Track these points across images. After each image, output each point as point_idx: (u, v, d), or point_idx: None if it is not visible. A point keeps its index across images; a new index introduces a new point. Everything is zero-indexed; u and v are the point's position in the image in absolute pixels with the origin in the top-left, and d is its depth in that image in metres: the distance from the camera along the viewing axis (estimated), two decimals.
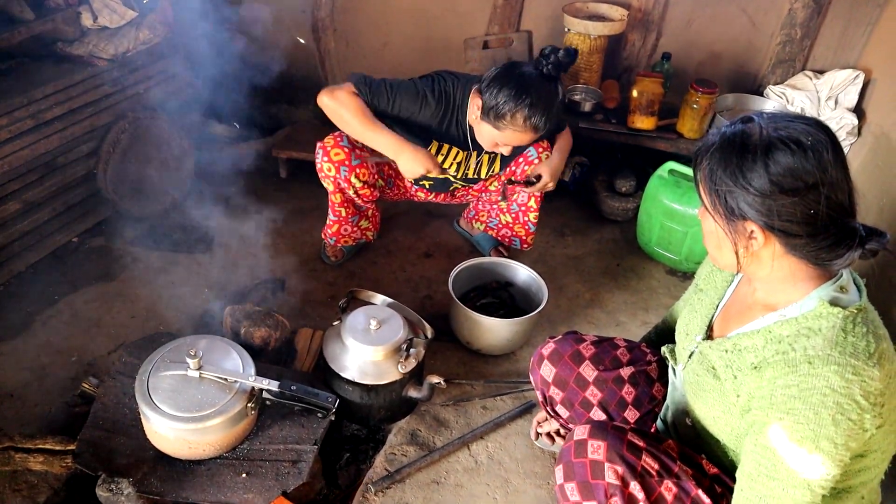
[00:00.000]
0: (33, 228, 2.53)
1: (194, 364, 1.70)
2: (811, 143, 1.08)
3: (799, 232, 1.10)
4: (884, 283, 2.28)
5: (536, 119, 2.08)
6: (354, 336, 1.95)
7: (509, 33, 3.40)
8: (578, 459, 1.28)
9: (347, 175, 2.40)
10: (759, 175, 1.09)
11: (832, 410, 1.06)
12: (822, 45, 3.02)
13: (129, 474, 1.68)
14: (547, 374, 1.68)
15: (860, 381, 1.07)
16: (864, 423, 1.07)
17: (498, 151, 2.29)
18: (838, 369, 1.07)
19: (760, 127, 1.12)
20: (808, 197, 1.08)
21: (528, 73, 2.09)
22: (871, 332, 1.12)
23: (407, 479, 1.93)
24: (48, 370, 2.18)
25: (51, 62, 2.58)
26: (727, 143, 1.14)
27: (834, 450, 1.07)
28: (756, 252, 1.17)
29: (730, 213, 1.15)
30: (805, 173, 1.07)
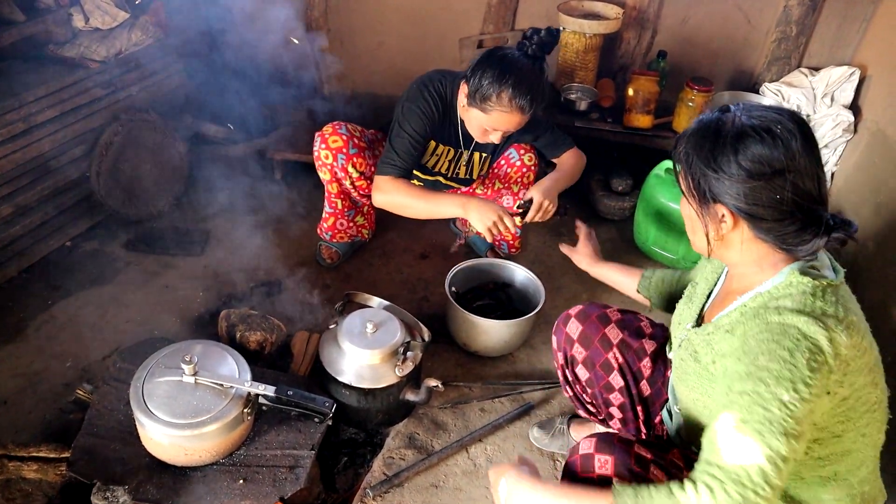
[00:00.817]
0: (26, 233, 2.51)
1: (189, 370, 1.68)
2: (780, 131, 1.14)
3: (765, 216, 1.15)
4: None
5: (521, 98, 2.05)
6: (351, 339, 1.93)
7: (504, 32, 3.39)
8: (585, 475, 1.26)
9: (344, 164, 2.38)
10: (730, 160, 1.15)
11: (805, 354, 1.08)
12: (817, 42, 3.02)
13: (125, 482, 1.67)
14: (573, 330, 1.69)
15: (829, 334, 1.09)
16: (832, 373, 1.09)
17: (489, 140, 2.24)
18: (809, 320, 1.10)
19: (735, 115, 1.18)
20: (774, 182, 1.13)
21: (511, 55, 2.07)
22: (841, 305, 1.15)
23: (405, 482, 1.92)
24: (42, 376, 2.16)
25: (42, 64, 2.56)
26: (703, 130, 1.20)
27: (809, 395, 1.06)
28: (725, 235, 1.23)
29: (702, 195, 1.21)
30: (773, 160, 1.13)
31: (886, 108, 2.63)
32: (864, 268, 2.39)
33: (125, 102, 2.75)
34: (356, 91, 3.70)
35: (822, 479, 1.24)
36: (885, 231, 2.33)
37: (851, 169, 2.81)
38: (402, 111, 2.25)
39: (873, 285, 2.30)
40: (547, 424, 2.08)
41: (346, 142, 2.37)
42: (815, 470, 1.24)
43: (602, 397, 1.68)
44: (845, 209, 2.75)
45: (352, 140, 2.39)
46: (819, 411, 1.11)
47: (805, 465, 1.23)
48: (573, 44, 3.09)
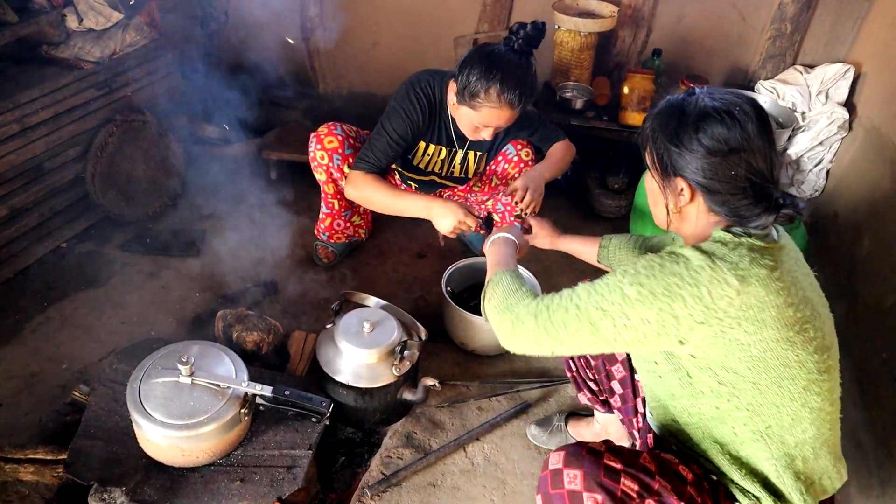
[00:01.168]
0: (21, 234, 2.50)
1: (186, 370, 1.68)
2: (738, 114, 1.24)
3: (720, 189, 1.25)
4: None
5: (510, 93, 2.03)
6: (348, 339, 1.93)
7: (499, 31, 3.39)
8: (556, 491, 1.26)
9: (340, 164, 2.39)
10: (691, 138, 1.25)
11: (675, 278, 1.20)
12: (812, 40, 3.03)
13: (122, 483, 1.66)
14: None
15: (712, 275, 1.18)
16: (694, 307, 1.18)
17: (480, 137, 2.24)
18: (700, 257, 1.21)
19: (699, 98, 1.29)
20: (731, 159, 1.24)
21: (498, 50, 2.06)
22: (754, 261, 1.21)
23: (403, 482, 1.92)
24: (38, 378, 2.15)
25: (36, 65, 2.55)
26: (669, 109, 1.31)
27: (651, 300, 1.20)
28: (683, 207, 1.32)
29: (664, 169, 1.32)
30: (730, 139, 1.23)
31: (881, 105, 2.64)
32: (861, 263, 2.40)
33: (120, 103, 2.75)
34: (352, 90, 3.70)
35: (755, 435, 1.27)
36: (880, 227, 2.34)
37: (846, 166, 2.81)
38: (388, 111, 2.27)
39: (869, 282, 2.30)
40: (544, 422, 2.08)
41: (342, 142, 2.37)
42: (746, 423, 1.27)
43: (605, 369, 1.69)
44: (840, 206, 2.75)
45: (347, 140, 2.39)
46: (681, 334, 1.20)
47: (735, 417, 1.28)
48: (568, 42, 3.09)
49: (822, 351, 1.27)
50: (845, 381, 1.38)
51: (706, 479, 1.33)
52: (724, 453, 1.32)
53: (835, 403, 1.33)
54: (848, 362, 2.18)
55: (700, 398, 1.30)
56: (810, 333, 1.24)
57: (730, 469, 1.31)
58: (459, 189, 2.66)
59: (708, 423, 1.33)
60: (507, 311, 1.42)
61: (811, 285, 1.33)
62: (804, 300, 1.25)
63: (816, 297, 1.32)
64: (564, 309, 1.31)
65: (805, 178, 2.99)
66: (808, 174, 2.97)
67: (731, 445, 1.32)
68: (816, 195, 3.00)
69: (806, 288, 1.29)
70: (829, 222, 2.81)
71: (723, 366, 1.23)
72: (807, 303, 1.26)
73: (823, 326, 1.29)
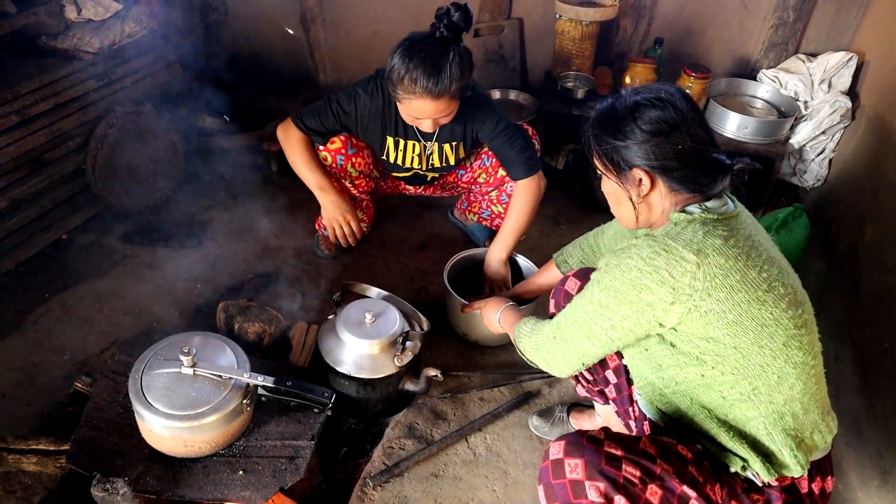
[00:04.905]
0: (22, 226, 2.49)
1: (188, 361, 1.68)
2: (665, 96, 1.35)
3: (675, 166, 1.33)
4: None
5: (425, 81, 1.96)
6: (350, 330, 1.93)
7: (500, 21, 3.37)
8: (558, 480, 1.26)
9: (344, 164, 2.38)
10: (632, 128, 1.35)
11: (634, 272, 1.28)
12: (814, 28, 3.01)
13: (125, 473, 1.66)
14: (571, 287, 1.77)
15: (668, 257, 1.26)
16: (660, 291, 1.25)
17: (422, 128, 2.19)
18: (652, 244, 1.28)
19: (626, 96, 1.40)
20: (673, 136, 1.32)
21: (418, 38, 2.01)
22: (708, 233, 1.28)
23: (405, 472, 1.92)
24: (40, 369, 2.15)
25: (35, 56, 2.53)
26: (603, 113, 1.42)
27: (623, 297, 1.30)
28: (647, 197, 1.39)
29: (617, 166, 1.39)
30: (667, 118, 1.33)
31: (884, 93, 2.62)
32: (863, 253, 2.39)
33: (120, 94, 2.73)
34: (352, 80, 3.68)
35: (742, 396, 1.31)
36: (882, 216, 2.33)
37: (849, 155, 2.80)
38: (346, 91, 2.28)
39: (872, 270, 2.30)
40: (546, 413, 2.08)
41: (345, 142, 2.36)
42: (733, 387, 1.31)
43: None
44: (843, 195, 2.75)
45: (350, 140, 2.37)
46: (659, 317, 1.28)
47: (721, 382, 1.32)
48: (569, 31, 3.08)
49: (796, 306, 1.32)
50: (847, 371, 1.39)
51: (706, 457, 1.35)
52: (713, 418, 1.36)
53: (817, 357, 1.37)
54: (850, 351, 2.20)
55: (685, 368, 1.34)
56: (780, 290, 1.29)
57: (718, 432, 1.35)
58: (463, 180, 2.63)
59: (695, 389, 1.36)
60: (536, 350, 1.58)
61: (773, 247, 1.40)
62: (768, 260, 1.31)
63: (780, 257, 1.39)
64: (568, 323, 1.45)
65: (807, 168, 2.98)
66: (810, 163, 2.96)
67: (720, 410, 1.35)
68: (819, 184, 2.99)
69: (769, 249, 1.36)
70: (831, 211, 2.80)
71: (703, 336, 1.28)
72: (772, 262, 1.32)
73: (794, 283, 1.36)
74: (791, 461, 1.31)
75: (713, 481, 1.30)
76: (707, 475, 1.30)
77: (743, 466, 1.33)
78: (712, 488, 1.29)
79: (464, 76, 2.02)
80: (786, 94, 2.95)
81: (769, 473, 1.31)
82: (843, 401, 2.09)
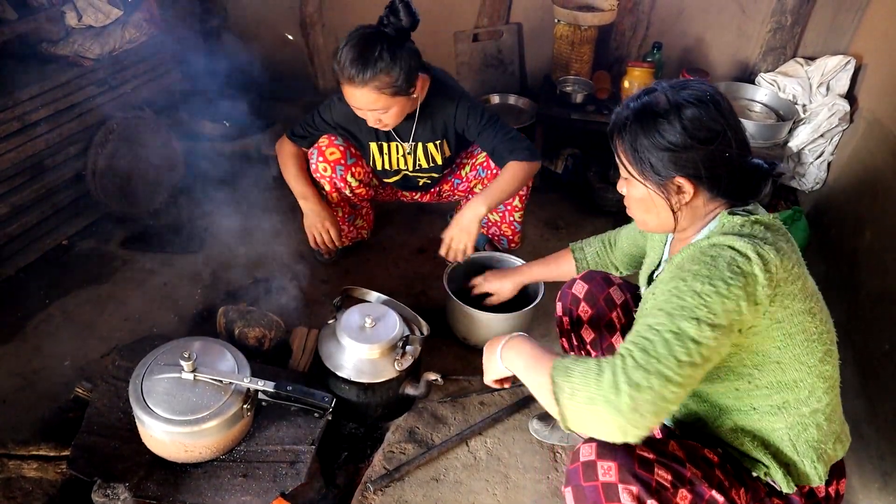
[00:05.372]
0: (22, 232, 2.50)
1: (188, 366, 1.68)
2: (710, 97, 1.25)
3: (723, 174, 1.25)
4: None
5: (351, 67, 1.96)
6: (350, 334, 1.93)
7: (499, 26, 3.38)
8: (589, 483, 1.25)
9: (343, 174, 2.38)
10: (677, 132, 1.23)
11: (727, 259, 1.17)
12: (812, 32, 3.02)
13: (125, 479, 1.66)
14: (579, 290, 1.76)
15: (756, 248, 1.17)
16: (757, 287, 1.16)
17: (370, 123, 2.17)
18: (736, 238, 1.20)
19: (665, 94, 1.27)
20: (722, 143, 1.23)
21: (360, 30, 2.02)
22: (772, 233, 1.23)
23: (406, 476, 1.92)
24: (40, 375, 2.15)
25: (35, 63, 2.54)
26: (640, 114, 1.27)
27: (726, 291, 1.14)
28: (688, 203, 1.30)
29: (657, 174, 1.28)
30: (713, 122, 1.23)
31: (882, 97, 2.63)
32: (862, 255, 2.40)
33: (120, 100, 2.74)
34: None
35: (773, 408, 1.30)
36: (882, 219, 2.33)
37: (847, 158, 2.81)
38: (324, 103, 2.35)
39: (871, 274, 2.30)
40: (547, 416, 2.08)
41: (344, 152, 2.36)
42: (765, 400, 1.30)
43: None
44: (842, 198, 2.75)
45: (349, 150, 2.38)
46: (748, 320, 1.17)
47: (753, 395, 1.30)
48: (568, 36, 3.09)
49: (829, 319, 1.31)
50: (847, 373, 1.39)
51: (728, 461, 1.34)
52: (737, 428, 1.34)
53: (837, 369, 1.36)
54: (850, 353, 2.20)
55: (718, 382, 1.31)
56: (821, 303, 1.28)
57: (742, 441, 1.33)
58: (459, 190, 2.62)
59: (722, 400, 1.34)
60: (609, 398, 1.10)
61: None
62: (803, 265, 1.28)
63: None
64: (659, 343, 1.12)
65: (806, 171, 2.99)
66: (809, 167, 2.97)
67: (746, 420, 1.33)
68: (818, 188, 3.00)
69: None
70: (830, 214, 2.80)
71: (754, 350, 1.24)
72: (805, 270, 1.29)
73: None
74: (812, 472, 1.31)
75: (738, 485, 1.30)
76: (732, 479, 1.29)
77: (765, 472, 1.32)
78: (737, 492, 1.28)
79: (394, 70, 1.98)
80: (784, 98, 2.96)
81: (789, 486, 1.30)
82: (843, 403, 2.08)
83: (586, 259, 1.93)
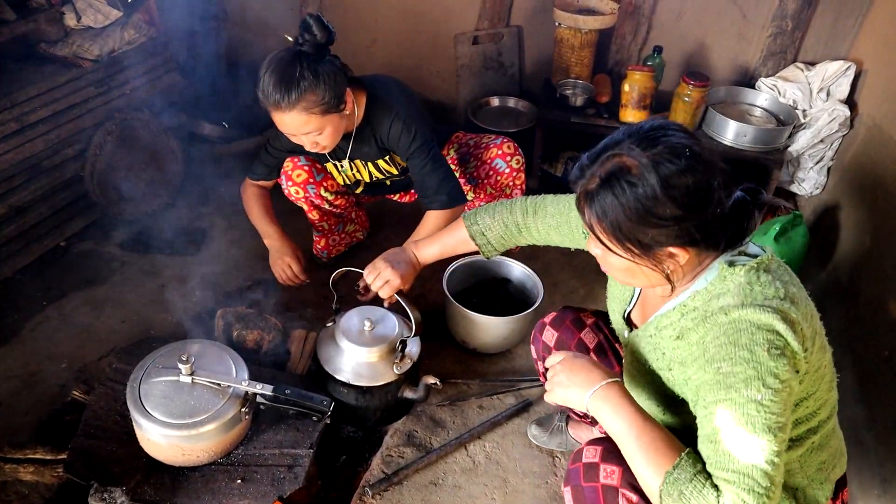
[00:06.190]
0: (20, 233, 2.49)
1: (186, 369, 1.67)
2: (688, 151, 1.10)
3: (717, 231, 1.15)
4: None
5: (276, 93, 1.87)
6: (348, 337, 1.93)
7: (499, 28, 3.38)
8: (589, 484, 1.25)
9: (316, 191, 2.38)
10: (666, 206, 1.09)
11: (765, 346, 1.08)
12: (813, 37, 3.02)
13: (122, 483, 1.66)
14: (549, 338, 1.71)
15: (780, 315, 1.09)
16: (796, 357, 1.10)
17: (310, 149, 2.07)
18: (755, 310, 1.10)
19: (637, 160, 1.10)
20: (713, 201, 1.11)
21: (276, 54, 1.93)
22: (778, 279, 1.16)
23: (404, 480, 1.92)
24: (37, 378, 2.14)
25: (34, 64, 2.53)
26: (613, 185, 1.12)
27: (780, 385, 1.07)
28: (682, 265, 1.20)
29: (646, 249, 1.16)
30: (701, 182, 1.10)
31: (882, 102, 2.63)
32: (862, 261, 2.40)
33: (119, 101, 2.73)
34: None
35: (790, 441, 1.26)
36: (881, 226, 2.33)
37: (848, 163, 2.81)
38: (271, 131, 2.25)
39: (870, 280, 2.30)
40: (545, 421, 2.08)
41: (309, 171, 2.35)
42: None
43: None
44: (841, 204, 2.75)
45: (314, 167, 2.36)
46: (795, 392, 1.12)
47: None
48: (568, 39, 3.09)
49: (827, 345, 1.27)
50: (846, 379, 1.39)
51: None
52: None
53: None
54: (849, 360, 2.19)
55: None
56: (823, 332, 1.24)
57: None
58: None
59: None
60: None
61: None
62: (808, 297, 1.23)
63: None
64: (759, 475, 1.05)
65: (806, 176, 2.99)
66: (809, 172, 2.97)
67: None
68: (818, 193, 3.00)
69: None
70: (830, 220, 2.80)
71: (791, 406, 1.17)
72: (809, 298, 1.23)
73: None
74: (819, 493, 1.31)
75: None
76: None
77: None
78: None
79: (319, 88, 1.90)
80: (784, 103, 2.96)
81: None
82: (842, 410, 2.06)
83: (490, 244, 1.75)
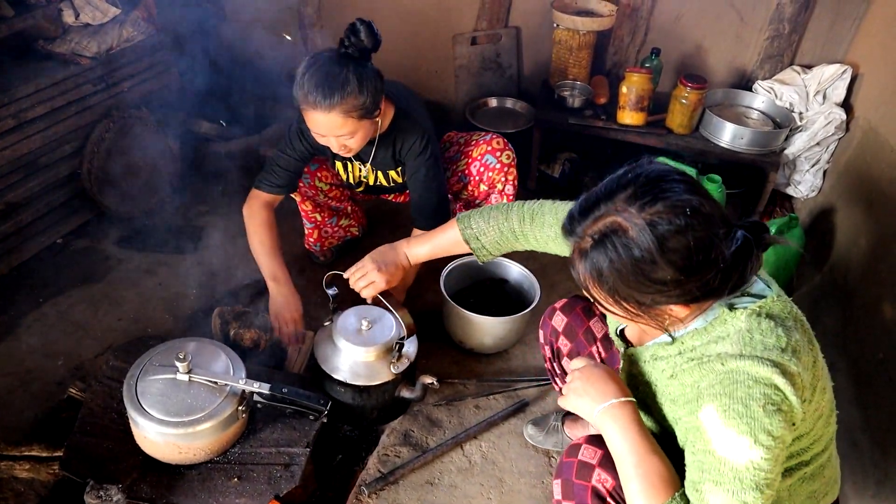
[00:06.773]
0: (16, 230, 2.49)
1: (183, 367, 1.67)
2: (689, 208, 1.04)
3: (716, 285, 1.08)
4: None
5: (317, 93, 1.86)
6: (346, 337, 1.93)
7: (498, 29, 3.38)
8: (581, 482, 1.26)
9: (311, 181, 2.38)
10: (666, 271, 1.05)
11: (761, 401, 1.05)
12: (809, 40, 3.03)
13: (118, 480, 1.65)
14: (558, 323, 1.72)
15: (779, 369, 1.06)
16: (793, 411, 1.07)
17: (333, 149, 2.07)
18: (754, 362, 1.07)
19: (631, 222, 1.05)
20: (713, 258, 1.06)
21: (320, 54, 1.94)
22: (780, 326, 1.11)
23: (400, 480, 1.92)
24: (34, 375, 2.14)
25: (32, 60, 2.53)
26: (607, 249, 1.08)
27: (772, 442, 1.04)
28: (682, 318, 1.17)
29: (644, 307, 1.13)
30: (703, 241, 1.04)
31: (878, 105, 2.64)
32: (857, 263, 2.41)
33: (117, 99, 2.73)
34: None
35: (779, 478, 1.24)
36: (877, 227, 2.34)
37: (843, 166, 2.82)
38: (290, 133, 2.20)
39: (865, 283, 2.31)
40: (541, 421, 2.08)
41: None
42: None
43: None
44: (837, 207, 2.76)
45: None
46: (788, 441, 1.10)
47: None
48: (567, 41, 3.09)
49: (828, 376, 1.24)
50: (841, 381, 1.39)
51: None
52: None
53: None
54: (844, 363, 2.20)
55: None
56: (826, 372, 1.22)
57: None
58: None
59: None
60: None
61: None
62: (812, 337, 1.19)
63: None
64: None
65: (802, 179, 3.00)
66: (805, 174, 2.98)
67: None
68: (813, 195, 3.01)
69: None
70: (826, 222, 2.81)
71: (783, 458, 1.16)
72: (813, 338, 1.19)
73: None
74: None
75: None
76: None
77: None
78: None
79: (362, 93, 1.90)
80: (781, 105, 2.97)
81: None
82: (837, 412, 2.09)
83: (485, 249, 1.73)
